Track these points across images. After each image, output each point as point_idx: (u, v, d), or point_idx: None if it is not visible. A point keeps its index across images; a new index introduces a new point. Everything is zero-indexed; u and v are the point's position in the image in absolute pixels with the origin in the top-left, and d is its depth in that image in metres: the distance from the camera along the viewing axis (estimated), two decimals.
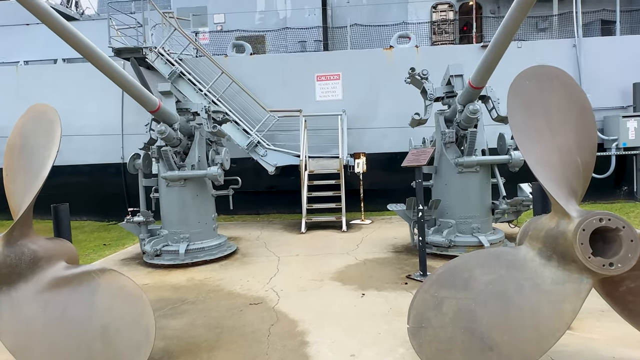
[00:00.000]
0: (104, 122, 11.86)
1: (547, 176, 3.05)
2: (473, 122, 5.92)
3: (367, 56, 11.38)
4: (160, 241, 6.42)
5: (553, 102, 3.28)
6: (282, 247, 7.31)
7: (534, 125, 3.20)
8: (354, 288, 4.92)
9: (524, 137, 3.16)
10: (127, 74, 5.26)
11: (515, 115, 3.23)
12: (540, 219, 3.32)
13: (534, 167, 3.06)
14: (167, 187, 6.47)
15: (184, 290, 5.16)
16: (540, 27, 13.88)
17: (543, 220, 3.21)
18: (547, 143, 3.16)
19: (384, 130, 11.03)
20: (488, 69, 4.93)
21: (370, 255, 6.46)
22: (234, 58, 11.65)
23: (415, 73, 6.48)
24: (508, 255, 3.22)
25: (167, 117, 6.10)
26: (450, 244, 6.05)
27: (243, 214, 11.77)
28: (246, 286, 5.19)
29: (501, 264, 3.17)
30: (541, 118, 3.23)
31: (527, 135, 3.17)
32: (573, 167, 3.19)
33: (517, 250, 3.25)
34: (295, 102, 10.93)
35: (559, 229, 2.87)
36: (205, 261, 6.34)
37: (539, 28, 13.89)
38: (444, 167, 6.38)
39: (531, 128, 3.19)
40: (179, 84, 10.37)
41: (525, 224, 3.51)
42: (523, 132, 3.17)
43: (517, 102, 3.25)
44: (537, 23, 13.61)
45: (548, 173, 3.06)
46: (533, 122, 3.21)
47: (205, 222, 6.65)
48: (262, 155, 10.21)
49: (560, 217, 2.92)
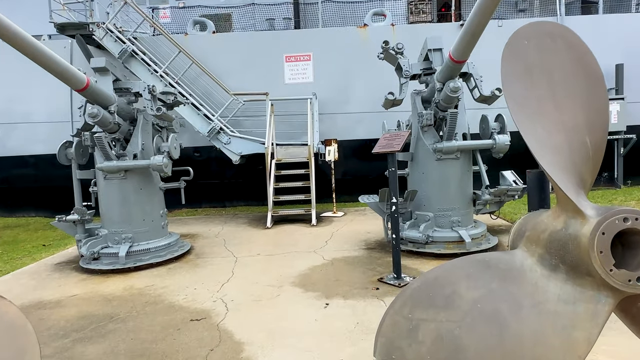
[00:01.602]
0: (51, 107, 10.68)
1: (552, 161, 2.35)
2: (454, 101, 5.25)
3: (340, 35, 10.56)
4: (98, 242, 5.56)
5: (557, 68, 2.58)
6: (243, 245, 6.54)
7: (535, 97, 2.50)
8: (317, 296, 4.21)
9: (522, 111, 2.44)
10: (43, 45, 4.34)
11: (511, 83, 2.50)
12: (539, 215, 2.63)
13: (536, 150, 2.35)
14: (105, 179, 5.58)
15: (117, 302, 4.34)
16: (520, 8, 13.36)
17: (544, 217, 2.53)
18: (551, 119, 2.46)
19: (358, 115, 10.30)
20: (473, 36, 4.23)
21: (340, 253, 5.76)
22: (195, 36, 10.64)
23: (389, 47, 5.74)
24: (500, 263, 2.52)
25: (101, 97, 5.19)
26: (428, 240, 5.41)
27: (208, 207, 10.92)
28: (192, 295, 4.42)
29: (492, 275, 2.47)
30: (543, 87, 2.52)
31: (526, 109, 2.46)
32: (582, 151, 2.50)
33: (511, 257, 2.56)
34: (262, 84, 10.05)
35: (568, 231, 2.19)
36: (151, 264, 5.51)
37: (519, 9, 13.37)
38: (421, 154, 5.70)
39: (531, 100, 2.49)
40: (131, 65, 9.35)
41: (520, 222, 2.82)
42: (521, 105, 2.45)
43: (513, 67, 2.53)
44: (517, 3, 13.06)
45: (553, 157, 2.37)
46: (533, 92, 2.49)
47: (151, 220, 5.81)
48: (225, 143, 9.34)
49: (570, 216, 2.24)
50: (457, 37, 4.77)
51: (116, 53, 9.18)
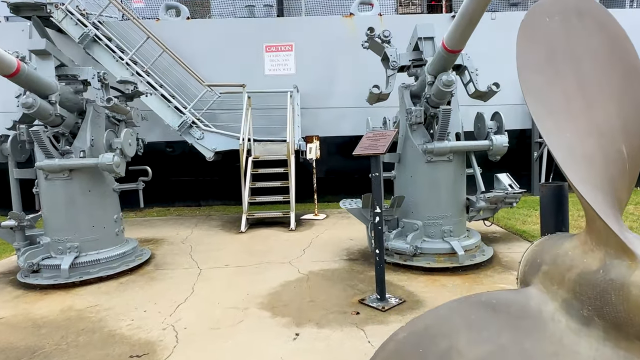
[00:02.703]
0: None
1: (585, 177, 1.76)
2: (446, 97, 4.64)
3: (324, 24, 9.87)
4: (38, 252, 4.83)
5: (587, 55, 1.98)
6: (211, 253, 5.86)
7: (560, 92, 1.90)
8: (287, 323, 3.57)
9: (544, 109, 1.85)
10: None
11: (529, 72, 1.88)
12: (560, 243, 2.03)
13: (563, 161, 1.74)
14: (47, 180, 4.83)
15: (47, 329, 3.64)
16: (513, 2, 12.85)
17: (568, 248, 1.92)
18: (582, 121, 1.87)
19: (343, 110, 9.66)
20: (470, 21, 3.61)
21: (317, 265, 5.13)
22: (167, 22, 9.84)
23: (375, 35, 5.10)
24: (511, 308, 1.92)
25: (38, 85, 4.44)
26: (416, 252, 4.82)
27: (181, 206, 10.18)
28: (139, 320, 3.74)
29: (501, 325, 1.87)
30: (570, 80, 1.93)
31: (550, 107, 1.86)
32: (618, 162, 1.93)
33: (524, 298, 1.96)
34: (241, 76, 9.30)
35: (609, 276, 1.58)
36: (100, 278, 4.80)
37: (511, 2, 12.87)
38: (409, 155, 5.09)
39: (555, 96, 1.88)
40: (93, 51, 8.53)
41: (534, 250, 2.22)
42: (543, 102, 1.86)
43: (531, 52, 1.92)
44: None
45: (586, 172, 1.78)
46: (558, 86, 1.90)
47: (102, 226, 5.08)
48: (197, 138, 8.59)
49: (611, 254, 1.64)
50: (450, 26, 4.18)
51: (76, 37, 8.34)
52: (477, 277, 4.49)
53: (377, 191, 3.85)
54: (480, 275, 4.54)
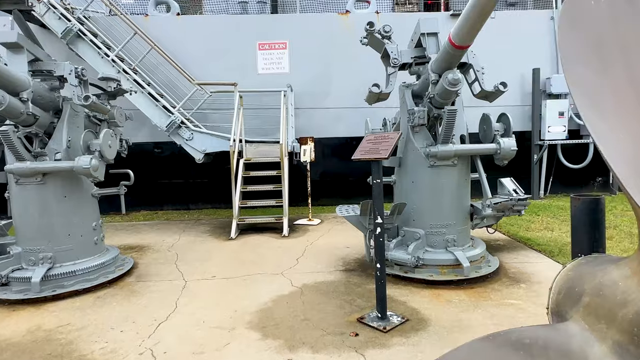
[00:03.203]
0: None
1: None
2: (452, 97, 4.32)
3: (319, 22, 9.54)
4: (8, 263, 4.43)
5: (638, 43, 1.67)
6: (198, 262, 5.49)
7: (610, 86, 1.57)
8: (278, 346, 3.22)
9: (593, 107, 1.52)
10: None
11: (574, 64, 1.57)
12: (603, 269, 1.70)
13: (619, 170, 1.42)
14: (18, 185, 4.44)
15: (9, 354, 3.25)
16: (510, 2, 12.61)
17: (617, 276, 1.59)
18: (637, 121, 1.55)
19: (338, 110, 9.33)
20: (481, 12, 3.29)
21: (312, 276, 4.79)
22: (157, 18, 9.44)
23: (375, 29, 4.77)
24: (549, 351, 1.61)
25: (6, 80, 4.04)
26: (418, 263, 4.49)
27: (170, 209, 9.78)
28: (114, 343, 3.36)
29: None
30: (620, 72, 1.61)
31: (600, 103, 1.53)
32: None
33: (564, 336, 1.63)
34: (233, 74, 8.95)
35: None
36: (76, 292, 4.41)
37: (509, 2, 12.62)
38: (411, 159, 4.76)
39: (605, 90, 1.56)
40: (77, 47, 8.12)
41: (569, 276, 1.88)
42: (592, 99, 1.53)
43: (575, 39, 1.60)
44: None
45: None
46: (607, 79, 1.58)
47: (79, 234, 4.69)
48: (186, 138, 8.20)
49: None
50: (447, 30, 3.87)
51: (59, 32, 7.92)
52: (483, 292, 4.16)
53: (378, 199, 3.51)
54: (487, 289, 4.22)
